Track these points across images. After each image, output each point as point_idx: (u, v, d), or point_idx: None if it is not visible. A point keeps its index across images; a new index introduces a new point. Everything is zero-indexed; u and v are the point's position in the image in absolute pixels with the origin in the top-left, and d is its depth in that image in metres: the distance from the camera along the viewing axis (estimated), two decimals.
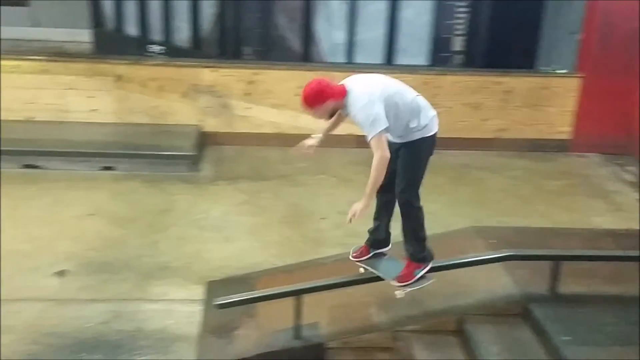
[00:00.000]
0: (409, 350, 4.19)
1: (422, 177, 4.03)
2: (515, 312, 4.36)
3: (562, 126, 8.26)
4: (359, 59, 8.73)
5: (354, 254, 4.33)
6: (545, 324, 4.15)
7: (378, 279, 4.14)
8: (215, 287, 5.03)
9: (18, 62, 7.86)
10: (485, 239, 5.11)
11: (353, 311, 4.38)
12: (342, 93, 3.87)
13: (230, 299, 4.25)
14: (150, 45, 9.57)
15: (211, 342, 4.43)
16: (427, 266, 4.06)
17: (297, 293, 4.15)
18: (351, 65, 8.51)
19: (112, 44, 9.90)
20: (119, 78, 7.92)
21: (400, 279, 4.03)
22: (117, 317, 4.63)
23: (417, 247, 4.07)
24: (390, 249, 4.32)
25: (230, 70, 8.16)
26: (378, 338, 4.29)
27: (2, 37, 10.98)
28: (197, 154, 7.59)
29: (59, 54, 8.91)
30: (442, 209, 6.16)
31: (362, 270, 4.30)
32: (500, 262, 4.50)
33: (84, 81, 7.86)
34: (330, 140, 4.31)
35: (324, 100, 3.85)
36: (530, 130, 8.25)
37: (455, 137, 7.66)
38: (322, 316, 4.39)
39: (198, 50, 9.25)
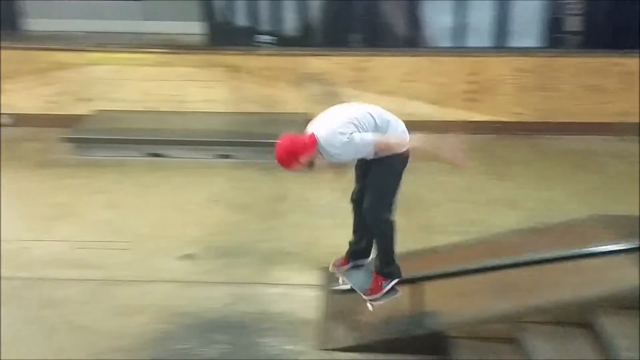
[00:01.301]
0: (532, 342, 4.11)
1: (395, 193, 4.03)
2: None
3: None
4: (469, 42, 8.55)
5: (334, 264, 4.41)
6: None
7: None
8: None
9: (139, 55, 8.27)
10: (610, 228, 4.91)
11: (474, 300, 4.33)
12: (313, 143, 3.85)
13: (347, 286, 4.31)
14: (260, 35, 9.77)
15: (331, 327, 4.52)
16: (393, 280, 4.15)
17: (416, 280, 4.16)
18: (460, 50, 8.37)
19: (224, 35, 10.16)
20: (232, 68, 8.16)
21: (368, 292, 4.16)
22: (242, 299, 4.82)
23: (385, 261, 4.15)
24: (370, 260, 4.35)
25: (338, 58, 8.23)
26: (501, 328, 4.23)
27: (118, 30, 11.52)
28: None
29: (177, 46, 9.24)
30: (563, 197, 5.99)
31: (341, 281, 4.39)
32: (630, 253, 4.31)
33: (200, 72, 8.15)
34: (441, 126, 4.15)
35: (297, 158, 3.85)
36: None
37: (574, 122, 7.40)
38: (442, 304, 4.38)
39: (307, 38, 9.36)
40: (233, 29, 10.27)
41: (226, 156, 7.48)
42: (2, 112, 8.19)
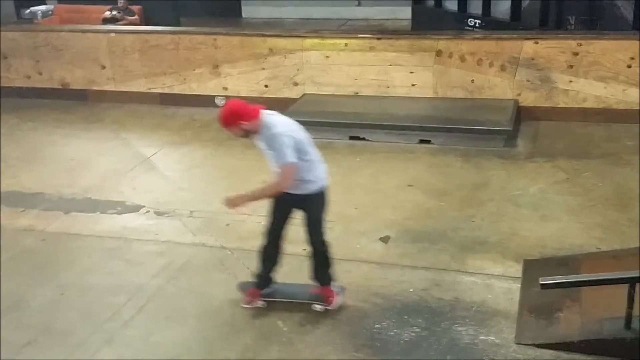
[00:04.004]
0: None
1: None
2: None
3: None
4: None
5: (247, 300, 4.59)
6: None
7: None
8: (532, 266, 4.91)
9: (347, 40, 8.48)
10: None
11: None
12: (256, 115, 4.11)
13: (557, 280, 4.08)
14: (469, 19, 9.57)
15: (531, 322, 4.32)
16: (334, 281, 4.58)
17: (635, 281, 3.82)
18: None
19: (431, 20, 10.13)
20: (438, 53, 8.07)
21: (329, 301, 4.51)
22: (437, 285, 4.77)
23: (328, 273, 4.54)
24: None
25: (552, 42, 7.81)
26: None
27: (333, 17, 11.93)
28: (513, 129, 7.43)
29: (384, 31, 9.36)
30: None
31: (261, 304, 4.58)
32: None
33: (405, 57, 8.17)
34: None
35: (239, 121, 4.10)
36: None
37: None
38: None
39: (518, 22, 9.01)
40: (441, 13, 10.21)
41: (427, 141, 7.44)
42: (219, 94, 8.87)
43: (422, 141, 7.46)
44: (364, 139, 7.63)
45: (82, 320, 4.54)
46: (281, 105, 8.21)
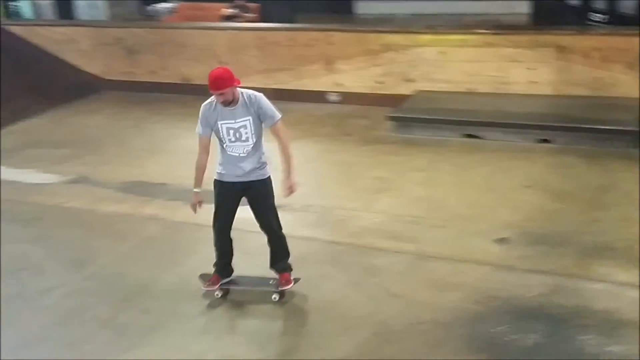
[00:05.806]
0: None
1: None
2: None
3: None
4: None
5: (207, 285, 4.73)
6: None
7: None
8: None
9: (464, 36, 8.32)
10: None
11: None
12: (239, 81, 4.29)
13: None
14: (593, 14, 9.14)
15: None
16: (291, 270, 4.72)
17: None
18: None
19: (552, 14, 9.76)
20: (560, 49, 7.78)
21: (284, 284, 4.65)
22: (557, 291, 4.60)
23: (286, 263, 4.69)
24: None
25: None
26: None
27: (444, 12, 11.72)
28: None
29: (502, 27, 9.10)
30: None
31: (217, 294, 4.73)
32: None
33: (524, 53, 7.93)
34: None
35: (232, 82, 4.22)
36: None
37: None
38: None
39: None
40: (563, 8, 9.81)
41: (546, 140, 7.17)
42: (332, 90, 8.94)
43: (541, 140, 7.20)
44: (478, 137, 7.45)
45: (204, 308, 4.71)
46: (394, 101, 8.21)
